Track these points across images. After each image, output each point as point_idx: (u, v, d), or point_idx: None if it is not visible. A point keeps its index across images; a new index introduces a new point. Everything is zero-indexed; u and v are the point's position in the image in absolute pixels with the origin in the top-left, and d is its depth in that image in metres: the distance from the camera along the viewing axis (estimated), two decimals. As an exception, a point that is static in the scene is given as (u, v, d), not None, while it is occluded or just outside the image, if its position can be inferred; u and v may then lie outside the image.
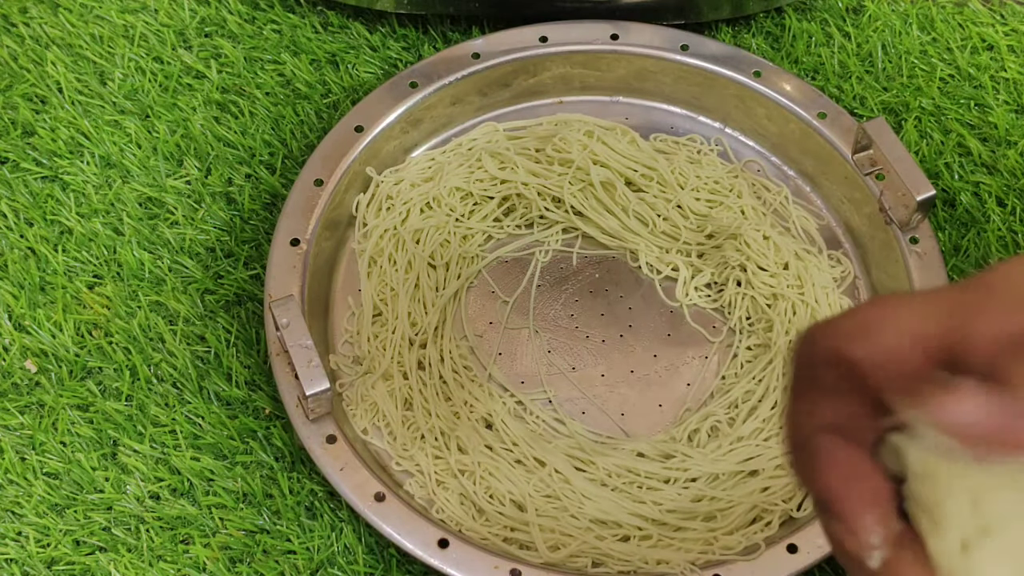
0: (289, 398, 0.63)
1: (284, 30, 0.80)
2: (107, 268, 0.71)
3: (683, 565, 0.61)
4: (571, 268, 0.73)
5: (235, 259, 0.72)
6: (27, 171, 0.75)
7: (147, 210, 0.73)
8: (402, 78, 0.74)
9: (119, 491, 0.65)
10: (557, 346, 0.70)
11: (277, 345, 0.64)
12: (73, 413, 0.67)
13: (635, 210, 0.73)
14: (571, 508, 0.63)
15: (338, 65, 0.79)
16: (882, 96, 0.78)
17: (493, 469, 0.64)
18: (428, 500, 0.64)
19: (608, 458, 0.65)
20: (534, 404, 0.68)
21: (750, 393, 0.68)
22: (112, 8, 0.80)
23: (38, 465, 0.66)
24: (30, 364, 0.68)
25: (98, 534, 0.64)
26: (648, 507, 0.64)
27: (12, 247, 0.72)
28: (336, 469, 0.62)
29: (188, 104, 0.77)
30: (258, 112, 0.77)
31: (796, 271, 0.71)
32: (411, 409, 0.67)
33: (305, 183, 0.71)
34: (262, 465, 0.66)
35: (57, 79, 0.77)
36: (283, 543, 0.64)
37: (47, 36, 0.79)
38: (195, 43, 0.79)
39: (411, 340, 0.68)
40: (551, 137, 0.74)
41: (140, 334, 0.69)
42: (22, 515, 0.64)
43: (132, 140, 0.76)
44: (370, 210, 0.72)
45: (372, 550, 0.64)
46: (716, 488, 0.64)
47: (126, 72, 0.78)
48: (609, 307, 0.71)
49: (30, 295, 0.70)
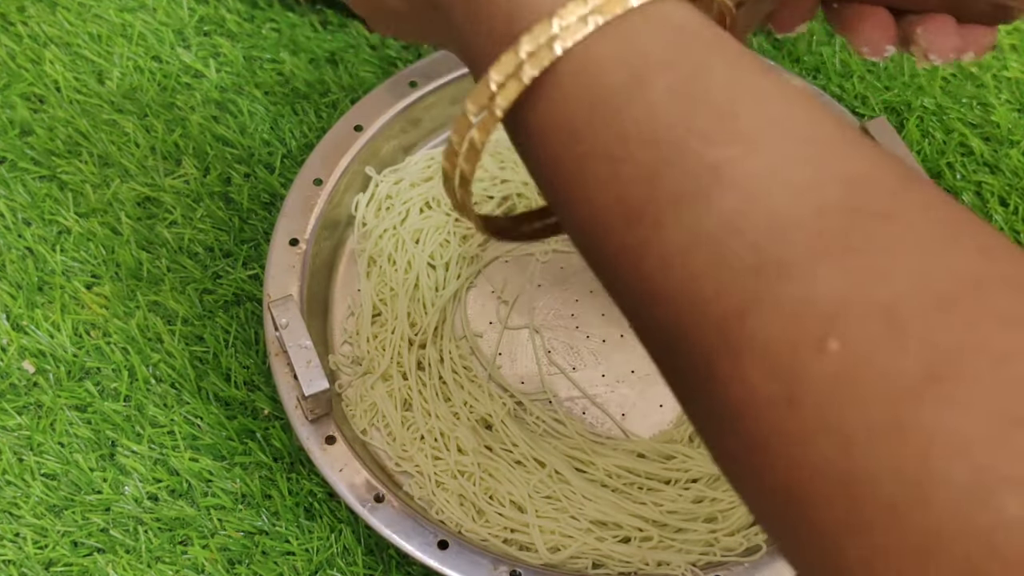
0: (288, 398, 0.63)
1: (283, 29, 0.80)
2: (105, 268, 0.71)
3: (684, 566, 0.61)
4: (571, 268, 0.72)
5: (234, 259, 0.72)
6: (25, 170, 0.74)
7: (145, 209, 0.73)
8: (401, 77, 0.74)
9: (117, 492, 0.65)
10: (557, 346, 0.70)
11: (276, 345, 0.64)
12: (71, 414, 0.67)
13: (635, 210, 0.73)
14: (571, 509, 0.63)
15: (337, 64, 0.79)
16: (884, 95, 0.78)
17: (493, 470, 0.64)
18: (427, 501, 0.64)
19: (608, 459, 0.65)
20: (534, 404, 0.68)
21: (751, 393, 0.67)
22: (110, 7, 0.80)
23: (36, 466, 0.65)
24: (28, 365, 0.68)
25: (96, 535, 0.64)
26: (649, 508, 0.63)
27: (10, 247, 0.72)
28: (335, 470, 0.62)
29: (186, 103, 0.77)
30: (257, 111, 0.76)
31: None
32: (410, 410, 0.66)
33: (304, 183, 0.70)
34: (261, 466, 0.65)
35: (55, 78, 0.77)
36: (282, 544, 0.63)
37: (45, 35, 0.79)
38: (193, 42, 0.79)
39: (411, 340, 0.68)
40: (551, 136, 0.74)
41: (138, 334, 0.69)
42: (20, 516, 0.64)
43: (130, 139, 0.75)
44: (369, 210, 0.72)
45: (371, 551, 0.63)
46: (717, 489, 0.64)
47: (124, 71, 0.78)
48: (609, 307, 0.71)
49: (28, 295, 0.70)
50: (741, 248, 0.29)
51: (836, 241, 0.28)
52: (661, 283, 0.30)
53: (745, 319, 0.29)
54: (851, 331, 0.27)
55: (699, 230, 0.30)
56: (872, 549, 0.27)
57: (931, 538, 0.26)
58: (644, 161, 0.31)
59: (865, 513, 0.27)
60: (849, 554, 0.27)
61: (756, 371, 0.28)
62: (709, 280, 0.29)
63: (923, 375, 0.27)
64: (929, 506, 0.26)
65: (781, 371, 0.28)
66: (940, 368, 0.27)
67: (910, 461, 0.26)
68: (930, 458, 0.26)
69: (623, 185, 0.31)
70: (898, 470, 0.26)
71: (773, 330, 0.28)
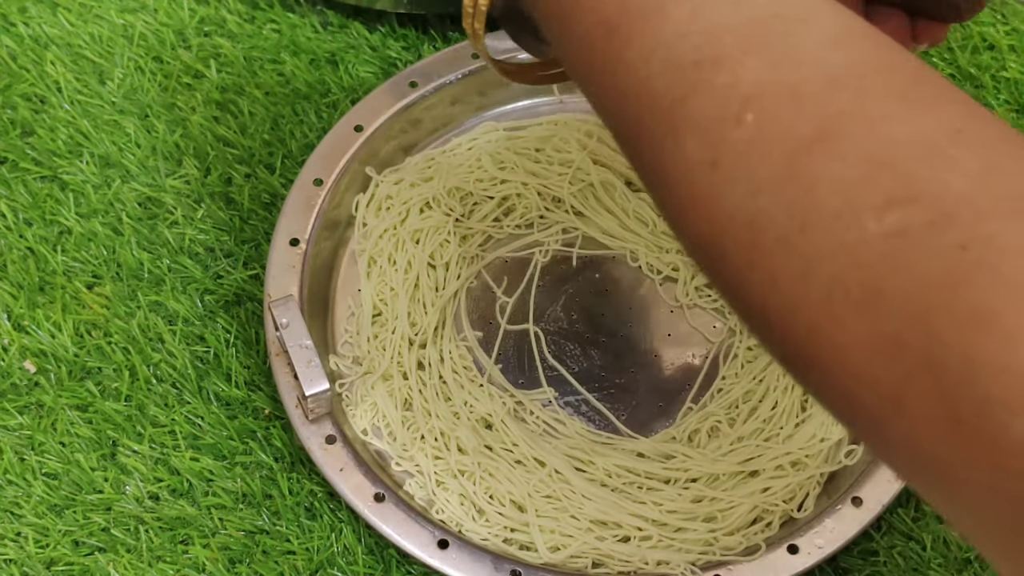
0: (289, 398, 0.63)
1: (283, 30, 0.80)
2: (106, 268, 0.71)
3: (683, 566, 0.61)
4: (571, 268, 0.73)
5: (234, 259, 0.72)
6: (26, 171, 0.74)
7: (146, 210, 0.73)
8: (402, 78, 0.74)
9: (118, 492, 0.65)
10: (557, 346, 0.70)
11: (276, 345, 0.64)
12: (72, 413, 0.67)
13: (635, 210, 0.73)
14: (571, 508, 0.63)
15: (338, 65, 0.79)
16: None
17: (493, 469, 0.64)
18: (428, 500, 0.64)
19: (608, 458, 0.65)
20: (534, 404, 0.68)
21: (750, 393, 0.68)
22: (111, 7, 0.80)
23: (37, 465, 0.65)
24: (29, 364, 0.68)
25: (97, 535, 0.64)
26: (648, 507, 0.64)
27: (11, 247, 0.72)
28: (336, 469, 0.62)
29: (187, 104, 0.77)
30: (257, 112, 0.77)
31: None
32: (411, 409, 0.66)
33: (304, 183, 0.71)
34: (261, 465, 0.66)
35: (56, 79, 0.77)
36: (283, 544, 0.64)
37: (46, 35, 0.79)
38: (194, 43, 0.79)
39: (411, 340, 0.68)
40: (551, 137, 0.74)
41: (139, 334, 0.69)
42: (21, 515, 0.64)
43: (131, 140, 0.75)
44: (370, 210, 0.72)
45: (372, 551, 0.64)
46: (716, 488, 0.64)
47: (125, 71, 0.78)
48: (609, 307, 0.71)
49: (29, 295, 0.70)
50: (686, 49, 0.37)
51: (759, 40, 0.36)
52: (628, 84, 0.38)
53: (687, 102, 0.36)
54: (763, 105, 0.35)
55: (657, 38, 0.37)
56: (768, 275, 0.34)
57: (811, 259, 0.33)
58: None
59: (764, 245, 0.34)
60: (753, 280, 0.35)
61: (690, 142, 0.36)
62: (662, 76, 0.37)
63: (814, 135, 0.34)
64: (811, 230, 0.33)
65: (708, 140, 0.36)
66: (827, 128, 0.34)
67: (799, 198, 0.34)
68: (814, 194, 0.33)
69: (604, 7, 0.39)
70: (789, 205, 0.34)
71: (706, 109, 0.36)
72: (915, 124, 0.34)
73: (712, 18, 0.37)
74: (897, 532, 0.64)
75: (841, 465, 0.65)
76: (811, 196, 0.33)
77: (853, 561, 0.63)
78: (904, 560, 0.64)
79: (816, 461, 0.65)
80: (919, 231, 0.32)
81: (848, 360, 0.33)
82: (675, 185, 0.37)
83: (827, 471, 0.65)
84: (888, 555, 0.64)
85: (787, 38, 0.36)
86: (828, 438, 0.65)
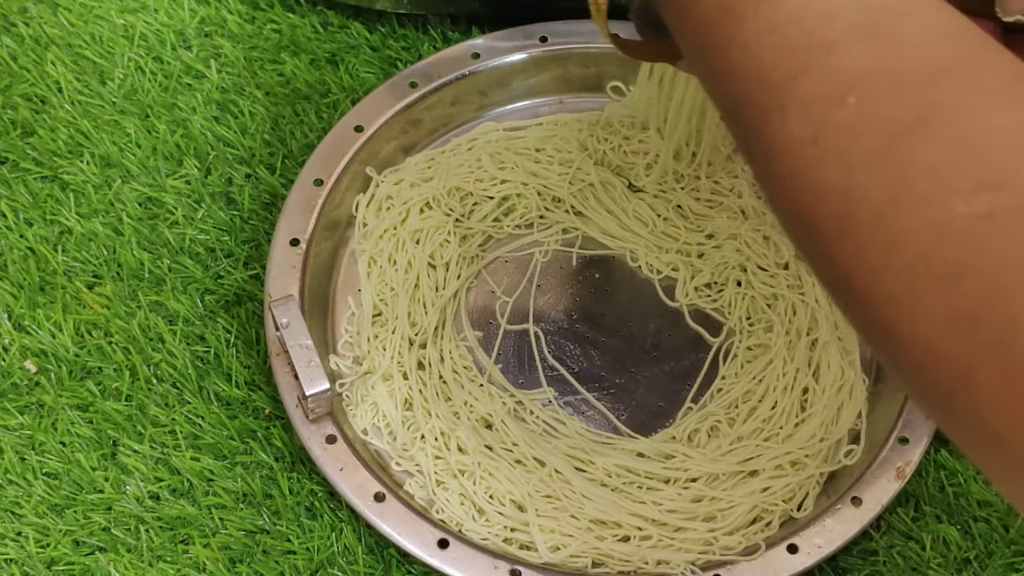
0: (289, 398, 0.63)
1: (284, 30, 0.80)
2: (107, 268, 0.71)
3: (683, 565, 0.61)
4: (571, 268, 0.73)
5: (235, 259, 0.72)
6: (27, 171, 0.75)
7: (147, 210, 0.73)
8: (402, 78, 0.74)
9: (119, 491, 0.65)
10: (557, 346, 0.70)
11: (277, 345, 0.64)
12: (73, 413, 0.67)
13: (635, 210, 0.73)
14: (571, 508, 0.63)
15: (338, 65, 0.79)
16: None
17: (493, 469, 0.64)
18: (428, 500, 0.64)
19: (608, 458, 0.65)
20: (534, 404, 0.68)
21: (750, 393, 0.68)
22: (112, 8, 0.80)
23: (38, 465, 0.66)
24: (30, 364, 0.68)
25: (98, 534, 0.64)
26: (648, 507, 0.64)
27: (12, 247, 0.72)
28: (336, 469, 0.62)
29: (188, 104, 0.77)
30: (258, 112, 0.77)
31: (796, 271, 0.71)
32: (411, 409, 0.67)
33: (305, 183, 0.71)
34: (262, 465, 0.66)
35: (57, 79, 0.77)
36: (283, 543, 0.64)
37: (47, 36, 0.79)
38: (195, 43, 0.79)
39: (411, 340, 0.68)
40: (551, 137, 0.74)
41: (140, 334, 0.69)
42: (22, 515, 0.64)
43: (132, 140, 0.76)
44: (370, 210, 0.72)
45: (372, 550, 0.64)
46: (716, 488, 0.64)
47: (126, 72, 0.78)
48: (609, 307, 0.71)
49: (30, 295, 0.70)
50: (799, 33, 0.39)
51: (868, 30, 0.39)
52: (740, 61, 0.41)
53: (795, 82, 0.39)
54: (865, 90, 0.37)
55: (771, 20, 0.40)
56: (856, 245, 0.37)
57: (899, 234, 0.35)
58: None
59: (855, 216, 0.37)
60: (841, 249, 0.37)
61: (795, 119, 0.38)
62: (773, 56, 0.40)
63: (912, 120, 0.36)
64: (901, 207, 0.35)
65: (812, 118, 0.38)
66: (925, 116, 0.36)
67: (892, 177, 0.36)
68: (907, 174, 0.35)
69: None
70: (883, 183, 0.36)
71: (812, 89, 0.38)
72: (1009, 117, 0.35)
73: (824, 7, 0.40)
74: (896, 532, 0.64)
75: (841, 465, 0.65)
76: (904, 175, 0.36)
77: (853, 561, 0.64)
78: (903, 560, 0.64)
79: (816, 461, 0.65)
80: (1005, 215, 0.34)
81: (923, 332, 0.35)
82: (777, 158, 0.39)
83: (827, 471, 0.65)
84: (887, 555, 0.64)
85: (894, 30, 0.39)
86: (828, 438, 0.66)
